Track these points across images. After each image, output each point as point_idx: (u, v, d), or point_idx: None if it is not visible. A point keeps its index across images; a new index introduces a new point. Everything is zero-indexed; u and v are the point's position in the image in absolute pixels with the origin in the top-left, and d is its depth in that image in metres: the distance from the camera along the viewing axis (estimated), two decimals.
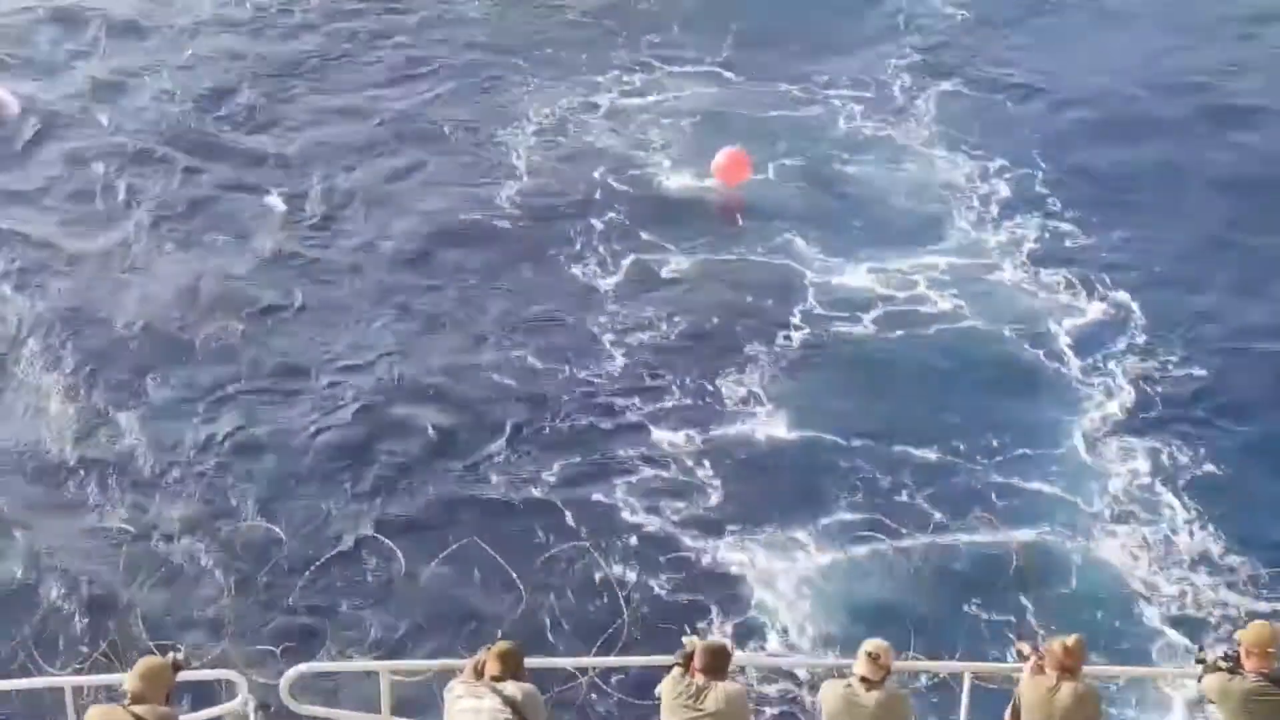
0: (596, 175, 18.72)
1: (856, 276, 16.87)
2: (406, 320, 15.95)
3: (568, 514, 13.21)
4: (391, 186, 18.57)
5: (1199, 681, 8.01)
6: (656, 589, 12.44)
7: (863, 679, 7.64)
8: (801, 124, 20.09)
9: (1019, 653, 8.30)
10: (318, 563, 12.19)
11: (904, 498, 13.57)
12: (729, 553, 12.92)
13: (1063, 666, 7.68)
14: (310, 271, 16.78)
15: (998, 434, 14.37)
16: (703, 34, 22.24)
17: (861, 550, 13.00)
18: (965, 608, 12.29)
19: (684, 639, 8.11)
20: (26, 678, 9.20)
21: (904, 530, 13.14)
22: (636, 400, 14.81)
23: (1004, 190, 18.61)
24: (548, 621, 11.77)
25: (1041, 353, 15.70)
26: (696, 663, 7.66)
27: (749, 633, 12.09)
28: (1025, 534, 13.20)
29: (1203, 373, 15.38)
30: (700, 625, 11.62)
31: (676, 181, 18.72)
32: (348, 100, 20.51)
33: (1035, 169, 18.99)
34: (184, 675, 7.76)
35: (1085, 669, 7.92)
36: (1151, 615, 12.39)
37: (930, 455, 14.06)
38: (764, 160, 18.92)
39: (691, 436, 14.31)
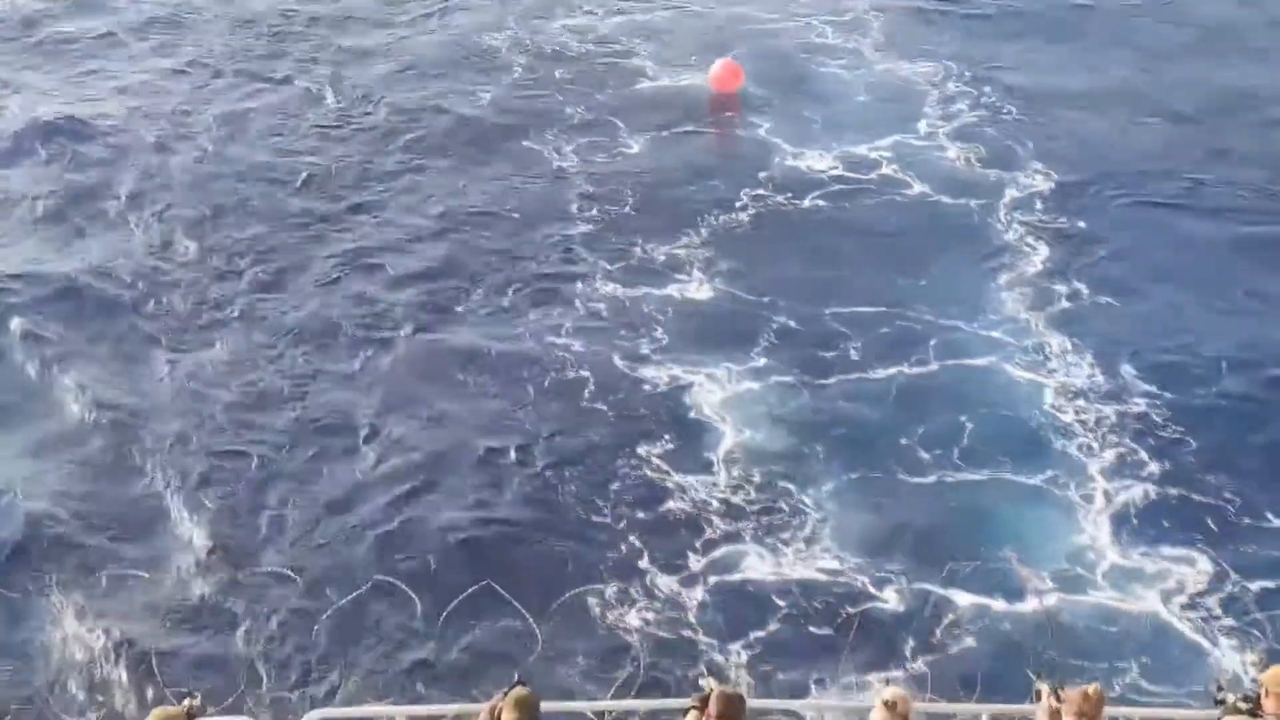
0: (574, 76, 22.32)
1: (813, 160, 19.82)
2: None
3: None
4: (394, 85, 22.05)
5: None
6: (613, 413, 14.54)
7: None
8: (776, 36, 23.85)
9: (1037, 693, 8.26)
10: (334, 607, 12.20)
11: (843, 341, 15.71)
12: (681, 382, 15.04)
13: (1081, 712, 7.64)
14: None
15: (931, 286, 16.64)
16: None
17: (804, 383, 15.04)
18: (901, 434, 14.17)
19: (701, 681, 8.12)
20: None
21: (842, 366, 15.31)
22: (592, 254, 17.47)
23: (953, 88, 21.95)
24: (564, 664, 11.71)
25: (973, 219, 18.33)
26: (711, 709, 7.63)
27: (685, 456, 13.90)
28: (955, 363, 15.35)
29: (1110, 229, 18.06)
30: (715, 670, 11.58)
31: (661, 81, 22.21)
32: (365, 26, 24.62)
33: (981, 72, 22.41)
34: None
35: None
36: (1067, 445, 14.10)
37: (872, 307, 16.30)
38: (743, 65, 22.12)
39: (646, 291, 16.65)
